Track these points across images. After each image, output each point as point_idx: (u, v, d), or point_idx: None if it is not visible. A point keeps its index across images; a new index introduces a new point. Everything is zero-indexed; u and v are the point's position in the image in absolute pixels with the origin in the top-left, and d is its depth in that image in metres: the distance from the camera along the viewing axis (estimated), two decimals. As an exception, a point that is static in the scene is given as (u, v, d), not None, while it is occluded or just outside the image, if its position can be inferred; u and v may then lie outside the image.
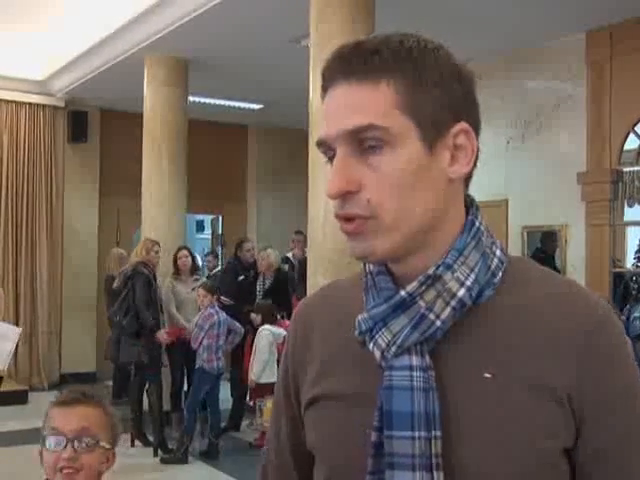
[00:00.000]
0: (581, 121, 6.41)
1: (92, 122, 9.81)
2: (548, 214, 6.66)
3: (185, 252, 7.17)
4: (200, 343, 6.22)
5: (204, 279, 7.32)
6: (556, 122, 6.66)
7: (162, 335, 6.52)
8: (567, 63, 6.57)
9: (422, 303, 0.92)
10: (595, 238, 6.28)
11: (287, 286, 7.31)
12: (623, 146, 6.19)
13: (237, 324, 6.54)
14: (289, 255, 8.55)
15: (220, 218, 11.20)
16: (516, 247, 6.88)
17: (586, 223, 6.35)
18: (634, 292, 6.58)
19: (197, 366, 6.30)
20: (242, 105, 9.54)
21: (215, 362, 6.22)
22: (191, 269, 7.15)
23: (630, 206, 6.25)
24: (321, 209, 5.02)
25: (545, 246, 6.83)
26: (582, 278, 6.33)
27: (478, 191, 1.06)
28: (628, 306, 6.22)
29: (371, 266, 0.99)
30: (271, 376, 6.13)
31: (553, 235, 6.70)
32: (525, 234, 6.91)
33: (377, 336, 0.93)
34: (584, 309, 0.94)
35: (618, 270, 6.44)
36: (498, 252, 0.98)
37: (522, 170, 6.91)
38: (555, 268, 6.55)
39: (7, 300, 9.01)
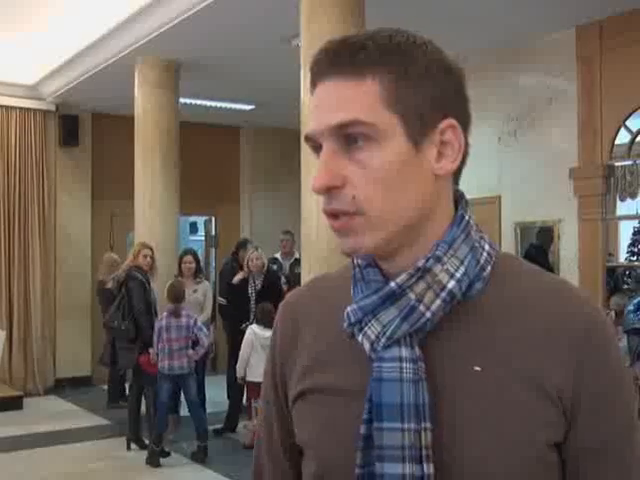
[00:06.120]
0: (573, 116, 6.41)
1: (83, 125, 9.77)
2: (541, 210, 6.67)
3: (190, 258, 7.32)
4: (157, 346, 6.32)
5: (206, 282, 7.43)
6: (548, 118, 6.67)
7: (153, 355, 6.37)
8: (558, 59, 6.57)
9: (412, 295, 0.92)
10: (588, 233, 6.29)
11: (278, 286, 7.31)
12: (614, 141, 6.19)
13: (203, 337, 6.39)
14: (277, 256, 8.54)
15: (213, 220, 11.18)
16: (509, 243, 6.89)
17: (578, 218, 6.36)
18: (626, 286, 6.60)
19: None
20: (234, 106, 9.52)
21: (166, 362, 6.19)
22: (194, 273, 7.26)
23: (622, 200, 6.26)
24: (314, 209, 5.01)
25: (540, 242, 6.82)
26: (575, 273, 6.34)
27: (471, 187, 1.06)
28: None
29: (359, 259, 0.99)
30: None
31: (548, 231, 6.70)
32: (518, 230, 6.92)
33: (366, 328, 0.93)
34: (576, 307, 0.94)
35: (611, 264, 6.46)
36: (487, 246, 0.98)
37: (514, 166, 6.92)
38: (548, 263, 6.56)
39: (0, 305, 9.00)
